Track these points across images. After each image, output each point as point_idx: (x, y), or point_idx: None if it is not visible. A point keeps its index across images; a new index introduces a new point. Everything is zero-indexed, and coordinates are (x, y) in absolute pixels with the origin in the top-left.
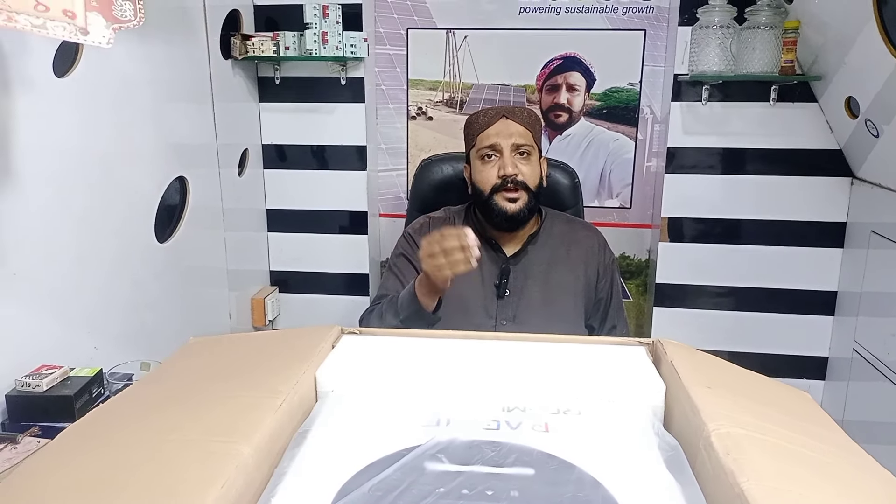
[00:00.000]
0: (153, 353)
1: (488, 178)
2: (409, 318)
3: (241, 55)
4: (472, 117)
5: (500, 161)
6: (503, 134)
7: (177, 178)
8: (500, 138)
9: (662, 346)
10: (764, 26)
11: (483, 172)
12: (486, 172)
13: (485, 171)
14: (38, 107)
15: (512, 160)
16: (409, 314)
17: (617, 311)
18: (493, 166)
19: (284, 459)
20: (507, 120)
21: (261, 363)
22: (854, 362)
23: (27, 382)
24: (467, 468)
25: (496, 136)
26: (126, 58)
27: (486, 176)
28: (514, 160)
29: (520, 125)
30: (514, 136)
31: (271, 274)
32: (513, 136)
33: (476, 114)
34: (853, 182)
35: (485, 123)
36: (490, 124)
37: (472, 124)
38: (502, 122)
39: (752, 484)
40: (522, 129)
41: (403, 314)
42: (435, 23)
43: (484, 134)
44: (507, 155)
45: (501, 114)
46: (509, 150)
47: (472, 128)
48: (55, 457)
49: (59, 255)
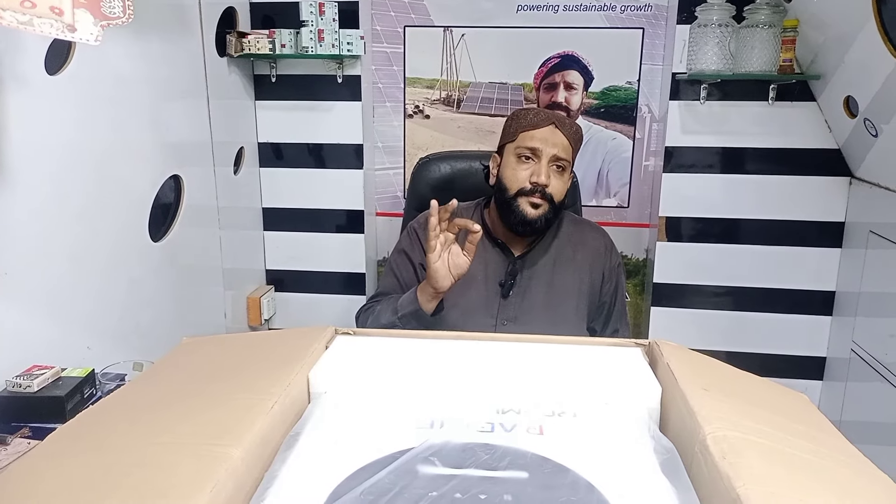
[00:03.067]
0: (148, 353)
1: (519, 178)
2: (406, 317)
3: (236, 53)
4: (520, 112)
5: (535, 167)
6: (549, 142)
7: (171, 177)
8: (545, 145)
9: (659, 347)
10: (763, 25)
11: (516, 171)
12: (518, 172)
13: (518, 171)
14: (30, 105)
15: (548, 170)
16: (407, 313)
17: (620, 314)
18: (527, 168)
19: (275, 462)
20: (555, 129)
21: (253, 364)
22: (852, 362)
23: (18, 383)
24: (460, 471)
25: (541, 142)
26: (120, 55)
27: (518, 176)
28: (550, 171)
29: (566, 138)
30: (557, 147)
31: (267, 273)
32: (557, 147)
33: (525, 110)
34: (851, 182)
35: (533, 124)
36: (538, 126)
37: (519, 119)
38: (550, 129)
39: (748, 488)
40: (567, 142)
41: (402, 312)
42: (432, 20)
43: (528, 134)
44: (544, 163)
45: (552, 120)
46: (548, 160)
47: (517, 122)
48: (43, 459)
49: (52, 254)
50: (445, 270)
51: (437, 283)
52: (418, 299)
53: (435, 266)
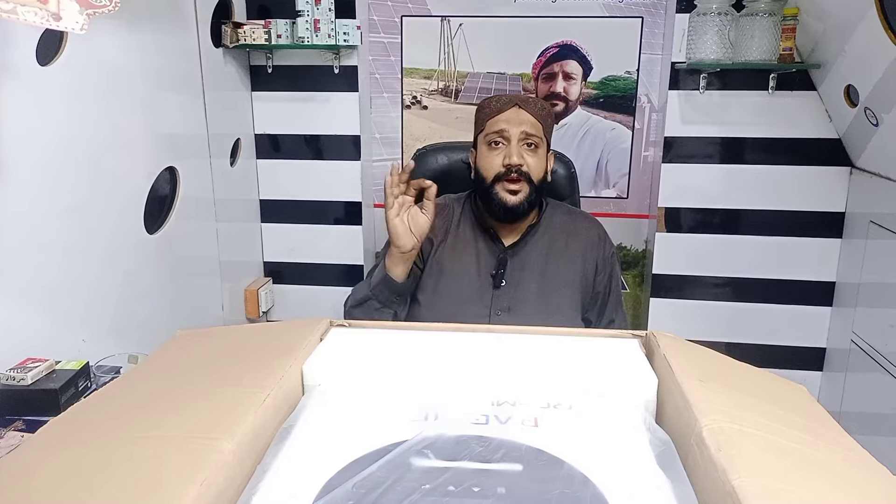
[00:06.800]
0: (144, 346)
1: (492, 165)
2: (378, 287)
3: (232, 43)
4: (484, 102)
5: (506, 149)
6: (513, 122)
7: (167, 169)
8: (510, 126)
9: (656, 338)
10: (763, 13)
11: (488, 159)
12: (490, 159)
13: (490, 158)
14: (21, 96)
15: (518, 150)
16: (378, 282)
17: (616, 305)
18: (498, 154)
19: (267, 456)
20: (519, 109)
21: (247, 356)
22: (852, 353)
23: (11, 376)
24: (454, 464)
25: (506, 123)
26: (114, 46)
27: (491, 163)
28: (521, 150)
29: (531, 115)
30: (524, 125)
31: (265, 265)
32: (523, 124)
33: (489, 99)
34: (852, 171)
35: (496, 109)
36: (501, 111)
37: (484, 109)
38: (514, 111)
39: (743, 481)
40: (533, 119)
41: (374, 282)
42: (430, 10)
43: (494, 120)
44: (514, 144)
45: (514, 102)
46: (517, 140)
47: (482, 112)
48: (35, 452)
49: (46, 247)
50: (405, 228)
51: (397, 240)
52: (386, 265)
53: (394, 223)
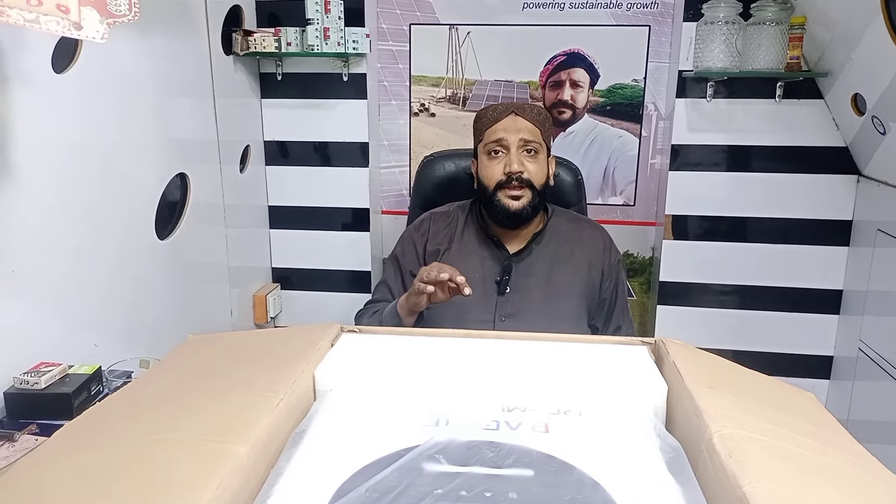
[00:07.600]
0: (154, 350)
1: (493, 174)
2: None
3: (242, 51)
4: (481, 112)
5: (506, 158)
6: (511, 130)
7: (177, 175)
8: (508, 134)
9: (665, 345)
10: (770, 22)
11: (489, 168)
12: (491, 168)
13: (490, 167)
14: (36, 103)
15: (518, 157)
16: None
17: (622, 312)
18: (498, 162)
19: (281, 459)
20: (515, 116)
21: (259, 361)
22: (859, 361)
23: (25, 380)
24: (466, 469)
25: (503, 132)
26: (127, 53)
27: (492, 172)
28: (521, 157)
29: (528, 122)
30: (521, 132)
31: (273, 271)
32: (521, 132)
33: (485, 109)
34: (859, 180)
35: (493, 119)
36: (498, 119)
37: (481, 119)
38: (511, 119)
39: (754, 487)
40: (531, 125)
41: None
42: (438, 18)
43: (492, 129)
44: (513, 152)
45: (511, 110)
46: (516, 147)
47: (480, 122)
48: (50, 455)
49: (59, 251)
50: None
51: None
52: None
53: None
